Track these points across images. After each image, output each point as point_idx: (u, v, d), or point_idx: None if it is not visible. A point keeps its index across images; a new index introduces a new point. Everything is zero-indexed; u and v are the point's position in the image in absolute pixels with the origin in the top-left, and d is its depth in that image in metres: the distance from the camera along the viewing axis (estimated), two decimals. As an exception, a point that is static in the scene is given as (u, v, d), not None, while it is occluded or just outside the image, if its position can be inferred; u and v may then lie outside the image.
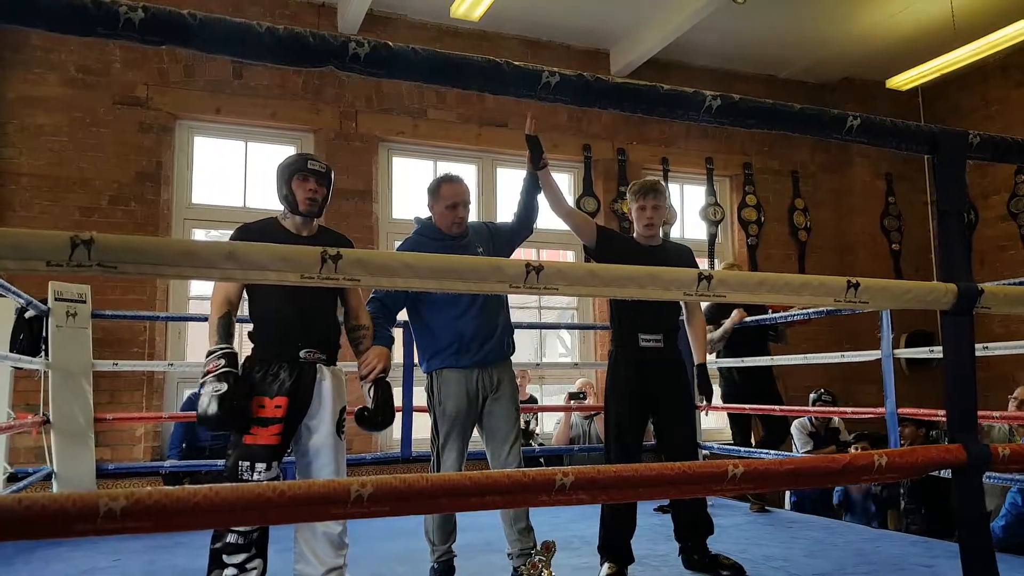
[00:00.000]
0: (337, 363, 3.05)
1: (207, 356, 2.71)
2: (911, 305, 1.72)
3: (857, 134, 1.72)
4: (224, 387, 2.61)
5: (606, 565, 3.55)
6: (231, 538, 2.73)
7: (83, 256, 1.18)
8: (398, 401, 5.65)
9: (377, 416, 2.95)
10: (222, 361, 2.66)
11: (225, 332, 2.77)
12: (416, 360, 3.62)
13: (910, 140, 1.80)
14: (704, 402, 3.73)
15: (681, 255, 3.61)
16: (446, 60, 1.40)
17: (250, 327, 2.95)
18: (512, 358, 3.54)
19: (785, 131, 1.70)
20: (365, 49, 1.35)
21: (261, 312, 2.90)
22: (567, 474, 1.37)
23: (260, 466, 2.75)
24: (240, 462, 2.75)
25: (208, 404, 2.60)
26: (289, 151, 6.47)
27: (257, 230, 2.90)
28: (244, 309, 2.99)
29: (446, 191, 3.38)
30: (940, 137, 1.80)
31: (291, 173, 2.90)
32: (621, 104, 1.55)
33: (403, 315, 3.48)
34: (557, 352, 7.69)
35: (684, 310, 3.79)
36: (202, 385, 2.66)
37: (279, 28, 1.32)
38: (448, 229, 3.39)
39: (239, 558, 2.73)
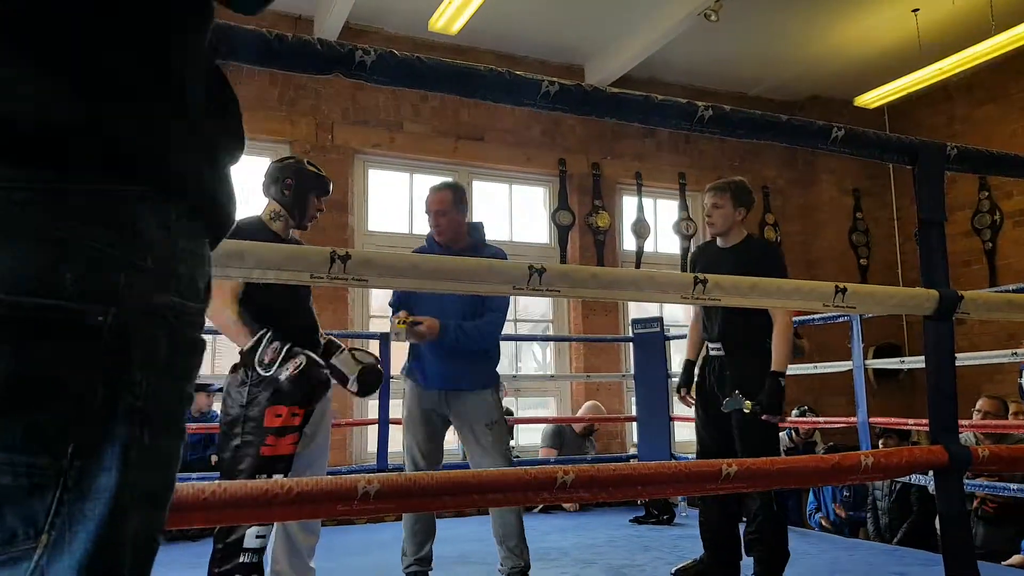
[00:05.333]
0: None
1: (258, 347, 2.67)
2: (895, 310, 1.78)
3: (842, 144, 1.77)
4: (303, 359, 2.65)
5: None
6: (245, 558, 2.62)
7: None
8: (374, 413, 5.70)
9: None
10: (277, 344, 2.67)
11: (253, 320, 2.74)
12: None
13: (892, 151, 1.86)
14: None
15: (752, 254, 3.37)
16: (451, 69, 1.43)
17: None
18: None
19: (773, 141, 1.75)
20: (371, 57, 1.38)
21: (270, 316, 2.79)
22: (568, 472, 1.39)
23: (278, 477, 2.63)
24: (258, 474, 2.63)
25: (297, 377, 2.63)
26: (264, 163, 6.45)
27: (248, 230, 2.77)
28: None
29: (427, 199, 3.40)
30: (920, 149, 1.86)
31: (317, 189, 2.93)
32: (617, 113, 1.60)
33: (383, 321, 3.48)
34: (531, 365, 7.72)
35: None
36: (271, 370, 2.66)
37: (288, 35, 1.35)
38: (436, 238, 3.40)
39: None
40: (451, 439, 3.54)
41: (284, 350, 2.66)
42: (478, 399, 3.34)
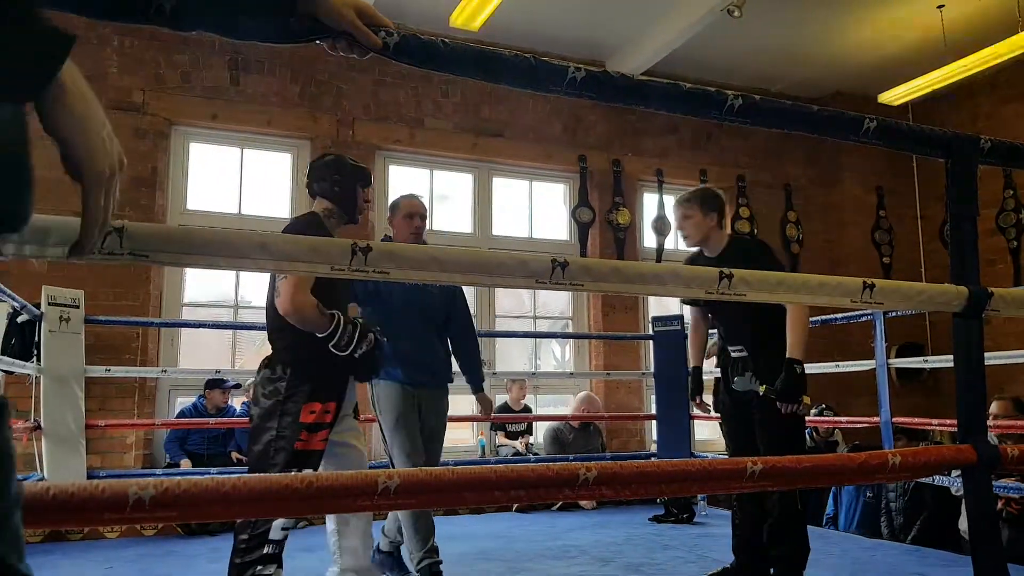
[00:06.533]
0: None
1: (336, 331, 2.73)
2: (924, 307, 1.74)
3: (874, 136, 1.74)
4: (372, 337, 2.81)
5: None
6: (268, 549, 2.62)
7: (115, 244, 1.18)
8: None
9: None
10: (350, 327, 2.77)
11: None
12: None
13: (925, 144, 1.82)
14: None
15: (741, 256, 3.28)
16: (475, 52, 1.41)
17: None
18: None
19: (803, 132, 1.72)
20: (395, 39, 1.36)
21: (332, 305, 2.81)
22: (590, 469, 1.37)
23: (308, 472, 2.64)
24: (290, 468, 2.63)
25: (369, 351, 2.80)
26: (286, 158, 6.48)
27: (302, 226, 2.86)
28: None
29: (404, 204, 3.58)
30: (953, 141, 1.82)
31: (361, 181, 3.00)
32: (644, 101, 1.56)
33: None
34: (550, 362, 7.69)
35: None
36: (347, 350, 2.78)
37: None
38: (406, 240, 3.48)
39: (271, 569, 2.65)
40: (450, 436, 3.70)
41: (357, 330, 2.76)
42: (445, 397, 3.69)
